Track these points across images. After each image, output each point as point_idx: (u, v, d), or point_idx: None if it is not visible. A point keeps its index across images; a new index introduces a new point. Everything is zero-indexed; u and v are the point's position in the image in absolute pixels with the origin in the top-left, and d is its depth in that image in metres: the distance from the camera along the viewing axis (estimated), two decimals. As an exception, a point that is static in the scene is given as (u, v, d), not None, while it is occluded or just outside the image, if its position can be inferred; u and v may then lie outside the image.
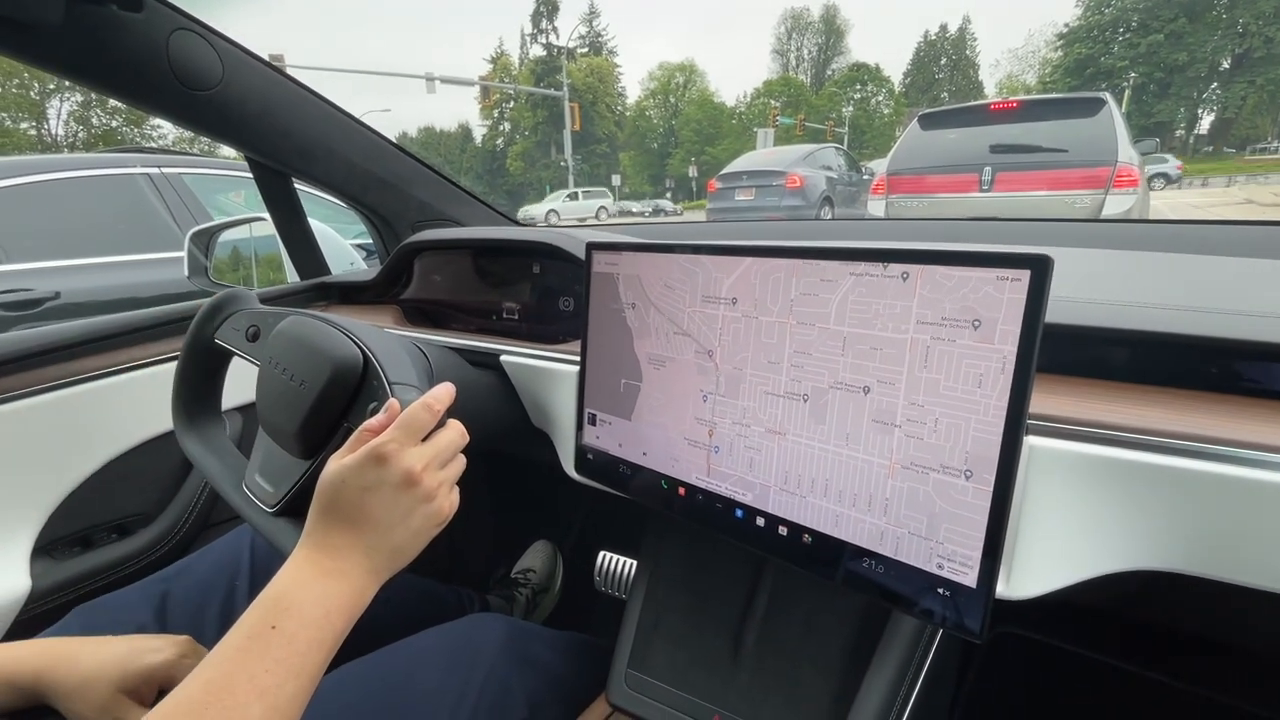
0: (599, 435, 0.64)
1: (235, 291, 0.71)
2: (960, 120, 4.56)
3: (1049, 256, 0.37)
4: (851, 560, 0.47)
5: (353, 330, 0.59)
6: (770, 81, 53.11)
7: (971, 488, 0.41)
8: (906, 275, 0.42)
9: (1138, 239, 0.90)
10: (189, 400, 0.71)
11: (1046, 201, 3.91)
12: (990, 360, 0.39)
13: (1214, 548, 0.40)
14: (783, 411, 0.49)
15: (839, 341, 0.46)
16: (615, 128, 51.95)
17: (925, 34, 57.18)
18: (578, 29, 53.42)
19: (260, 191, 1.06)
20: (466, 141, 61.96)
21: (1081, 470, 0.42)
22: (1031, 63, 52.12)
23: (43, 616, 0.75)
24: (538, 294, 0.85)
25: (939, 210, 4.32)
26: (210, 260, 1.37)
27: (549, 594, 1.25)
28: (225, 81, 0.83)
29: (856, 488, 0.46)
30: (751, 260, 0.50)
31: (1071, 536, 0.43)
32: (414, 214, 1.15)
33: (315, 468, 0.58)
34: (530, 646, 0.68)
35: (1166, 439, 0.40)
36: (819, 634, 0.60)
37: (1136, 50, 35.40)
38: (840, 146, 10.11)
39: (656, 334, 0.58)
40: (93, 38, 0.70)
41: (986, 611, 0.41)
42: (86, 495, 0.83)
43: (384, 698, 0.59)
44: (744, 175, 8.09)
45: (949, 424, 0.41)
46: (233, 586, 0.72)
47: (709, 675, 0.63)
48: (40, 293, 2.38)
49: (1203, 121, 40.24)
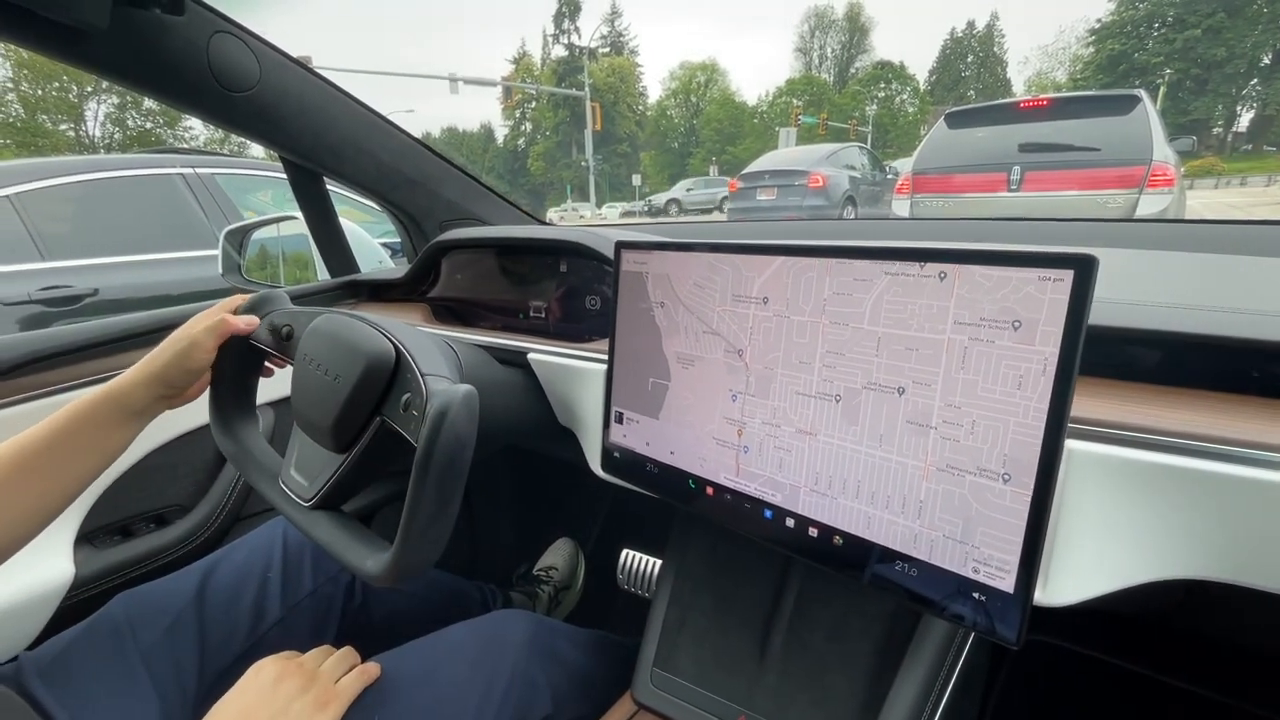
0: (626, 434, 0.65)
1: (269, 293, 0.73)
2: (988, 118, 4.48)
3: (1093, 256, 0.36)
4: (884, 563, 0.46)
5: (384, 326, 0.60)
6: (793, 80, 52.68)
7: (1010, 491, 0.40)
8: (944, 275, 0.42)
9: (1174, 239, 0.88)
10: (225, 399, 0.72)
11: (1077, 201, 3.83)
12: (1031, 362, 0.38)
13: (1260, 556, 0.39)
14: (814, 412, 0.49)
15: (873, 341, 0.45)
16: (636, 127, 51.99)
17: (952, 31, 56.25)
18: (599, 29, 53.55)
19: (293, 190, 1.08)
20: (489, 142, 62.51)
21: (1122, 475, 0.41)
22: (1062, 59, 50.94)
23: (85, 602, 0.78)
24: (564, 293, 0.85)
25: (965, 210, 4.25)
26: (244, 258, 1.40)
27: (571, 591, 1.26)
28: (262, 83, 0.85)
29: (890, 489, 0.45)
30: (783, 259, 0.50)
31: (1110, 543, 0.42)
32: (441, 212, 1.17)
33: (349, 461, 0.59)
34: (555, 643, 0.68)
35: (1211, 444, 0.39)
36: (847, 636, 0.59)
37: (1172, 46, 34.43)
38: (864, 145, 10.01)
39: (685, 333, 0.58)
40: (137, 40, 0.72)
41: (1024, 617, 0.40)
42: (126, 486, 0.85)
43: (413, 689, 0.60)
44: (766, 175, 8.04)
45: (987, 426, 0.40)
46: (265, 578, 0.74)
47: (735, 676, 0.62)
48: (79, 289, 2.46)
49: (1242, 119, 39.00)
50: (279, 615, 0.72)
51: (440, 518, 0.51)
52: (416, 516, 0.50)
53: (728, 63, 56.70)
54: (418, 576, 0.55)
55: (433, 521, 0.51)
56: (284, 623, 0.72)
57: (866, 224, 2.25)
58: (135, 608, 0.65)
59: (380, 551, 0.54)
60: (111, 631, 0.63)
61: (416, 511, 0.50)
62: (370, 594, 0.80)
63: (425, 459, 0.49)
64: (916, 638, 0.55)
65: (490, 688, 0.61)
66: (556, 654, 0.67)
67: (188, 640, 0.65)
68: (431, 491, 0.50)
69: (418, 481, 0.49)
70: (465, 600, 0.96)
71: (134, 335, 0.87)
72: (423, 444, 0.49)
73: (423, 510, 0.50)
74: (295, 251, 1.49)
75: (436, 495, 0.50)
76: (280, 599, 0.73)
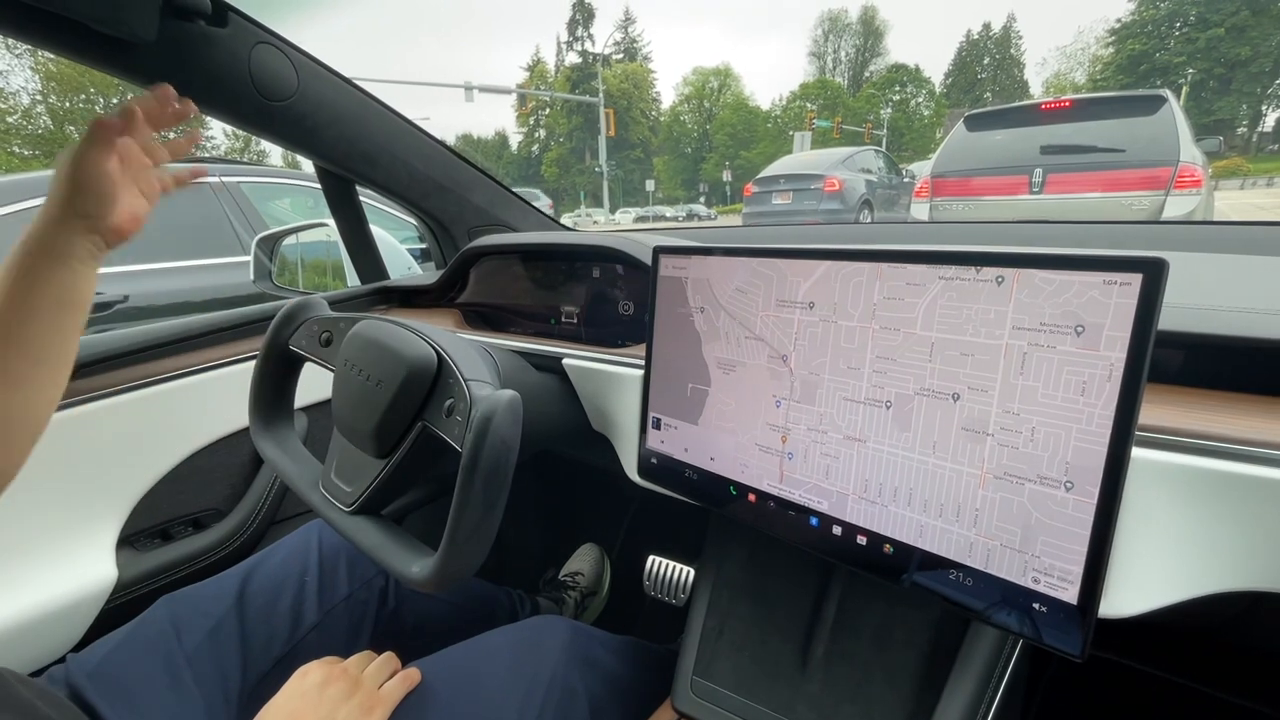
0: (664, 440, 0.64)
1: (308, 299, 0.73)
2: (1009, 121, 4.43)
3: (1164, 260, 0.35)
4: (937, 572, 0.46)
5: (425, 331, 0.61)
6: (807, 84, 52.56)
7: (1073, 499, 0.39)
8: (1001, 279, 0.41)
9: (1204, 241, 0.86)
10: (266, 404, 0.73)
11: (1102, 203, 3.77)
12: (1095, 368, 0.38)
13: None
14: (863, 418, 0.48)
15: (926, 347, 0.45)
16: (650, 133, 52.17)
17: (968, 33, 55.84)
18: (613, 35, 53.86)
19: (326, 197, 1.10)
20: (503, 148, 63.03)
21: (1186, 483, 0.40)
22: (1081, 60, 50.37)
23: (128, 605, 0.79)
24: (596, 298, 0.86)
25: (986, 213, 4.20)
26: (274, 265, 1.42)
27: (597, 597, 1.25)
28: (300, 92, 0.87)
29: (943, 497, 0.44)
30: (830, 264, 0.50)
31: (1175, 553, 0.41)
32: (470, 219, 1.18)
33: (390, 466, 0.59)
34: (592, 649, 0.68)
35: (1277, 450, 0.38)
36: (891, 644, 0.58)
37: (1195, 45, 33.89)
38: (880, 149, 9.94)
39: (727, 338, 0.57)
40: (182, 52, 0.74)
41: (1088, 629, 0.39)
42: (165, 490, 0.87)
43: (453, 695, 0.60)
44: (781, 179, 8.02)
45: (1048, 433, 0.40)
46: (302, 582, 0.74)
47: (777, 684, 0.62)
48: (110, 296, 2.51)
49: (1268, 118, 38.23)
50: (316, 619, 0.73)
51: (486, 522, 0.51)
52: (463, 521, 0.50)
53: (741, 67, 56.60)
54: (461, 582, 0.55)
55: (478, 526, 0.51)
56: (321, 627, 0.73)
57: (880, 228, 2.23)
58: (179, 611, 0.66)
59: (424, 557, 0.54)
60: (157, 634, 0.64)
61: (463, 516, 0.50)
62: (404, 598, 0.81)
63: (471, 464, 0.49)
64: (965, 647, 0.54)
65: (529, 694, 0.61)
66: (594, 660, 0.67)
67: (230, 644, 0.66)
68: (478, 496, 0.50)
69: (464, 486, 0.49)
70: (495, 605, 0.97)
71: (170, 342, 0.89)
72: (469, 449, 0.50)
73: (469, 515, 0.50)
74: (314, 259, 1.52)
75: (483, 500, 0.50)
76: (317, 603, 0.73)
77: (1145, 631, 0.79)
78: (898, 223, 5.32)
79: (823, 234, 1.29)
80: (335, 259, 1.36)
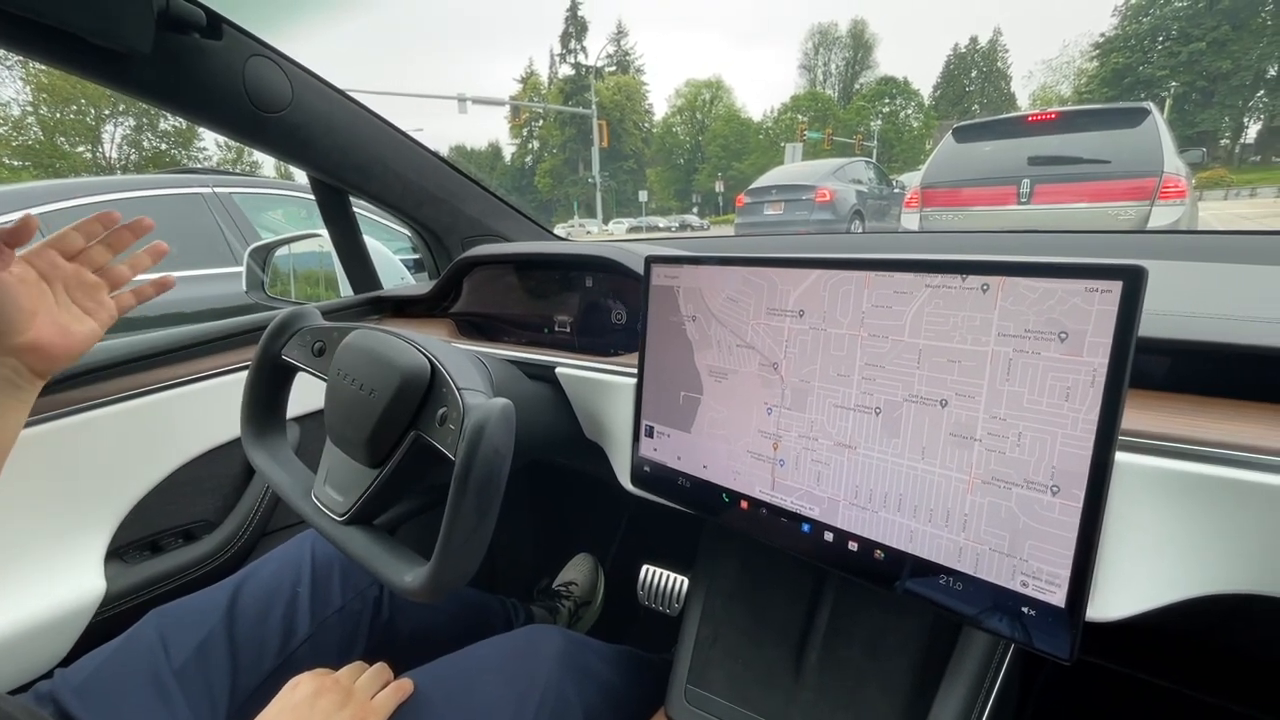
0: (656, 448, 0.65)
1: (301, 309, 0.73)
2: (996, 132, 4.50)
3: (1143, 267, 0.36)
4: (928, 577, 0.46)
5: (418, 340, 0.61)
6: (798, 96, 53.17)
7: (1059, 504, 0.40)
8: (986, 287, 0.42)
9: (1188, 250, 0.88)
10: (258, 415, 0.72)
11: (1089, 214, 3.82)
12: (1079, 373, 0.38)
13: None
14: (853, 425, 0.49)
15: (914, 354, 0.45)
16: (642, 144, 52.51)
17: (955, 47, 56.69)
18: (606, 48, 54.33)
19: (319, 208, 1.10)
20: (496, 160, 63.26)
21: (1170, 487, 0.41)
22: (1066, 73, 51.18)
23: (116, 618, 0.78)
24: (589, 308, 0.86)
25: (976, 223, 4.25)
26: (267, 275, 1.42)
27: (591, 607, 1.25)
28: (294, 104, 0.87)
29: (933, 503, 0.45)
30: (820, 272, 0.50)
31: (1160, 556, 0.42)
32: (464, 229, 1.18)
33: (384, 475, 0.59)
34: (587, 659, 0.68)
35: (1258, 455, 0.39)
36: (884, 651, 0.59)
37: (1177, 59, 34.53)
38: (870, 160, 10.05)
39: (718, 346, 0.58)
40: (177, 65, 0.74)
41: (1076, 632, 0.40)
42: (155, 501, 0.86)
43: (446, 705, 0.60)
44: (773, 190, 8.09)
45: (1034, 438, 0.40)
46: (294, 594, 0.74)
47: (770, 692, 0.62)
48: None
49: (1249, 130, 38.94)
50: (309, 631, 0.72)
51: (479, 531, 0.51)
52: (456, 530, 0.50)
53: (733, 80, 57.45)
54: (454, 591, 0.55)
55: (472, 535, 0.51)
56: (313, 639, 0.72)
57: (887, 238, 2.25)
58: (168, 624, 0.65)
59: (417, 566, 0.54)
60: (146, 649, 0.63)
61: (455, 525, 0.50)
62: (397, 609, 0.80)
63: (464, 473, 0.49)
64: (956, 654, 0.55)
65: (523, 704, 0.60)
66: (588, 670, 0.67)
67: (219, 658, 0.65)
68: (471, 505, 0.50)
69: (457, 495, 0.50)
70: (489, 615, 0.96)
71: (161, 353, 0.89)
72: (461, 458, 0.50)
73: (462, 524, 0.50)
74: (307, 269, 1.52)
75: (476, 509, 0.50)
76: (310, 615, 0.73)
77: (1135, 637, 0.80)
78: (888, 232, 5.36)
79: (813, 244, 1.30)
80: (328, 269, 1.37)
